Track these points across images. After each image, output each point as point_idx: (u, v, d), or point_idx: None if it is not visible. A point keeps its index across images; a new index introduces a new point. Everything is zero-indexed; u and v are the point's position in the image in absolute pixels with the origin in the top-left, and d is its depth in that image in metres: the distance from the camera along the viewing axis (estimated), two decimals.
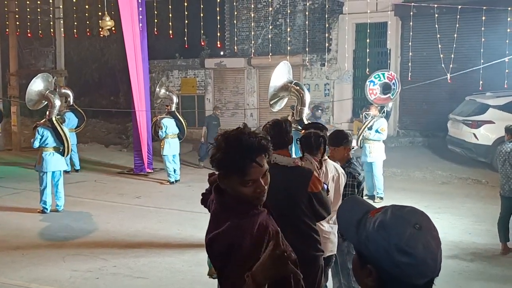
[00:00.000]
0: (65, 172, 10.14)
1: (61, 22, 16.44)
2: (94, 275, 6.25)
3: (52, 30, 16.50)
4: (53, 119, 9.14)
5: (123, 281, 6.11)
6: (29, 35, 16.66)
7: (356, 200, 1.63)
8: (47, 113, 9.28)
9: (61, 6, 16.31)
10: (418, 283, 1.36)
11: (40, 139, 8.97)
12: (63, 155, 9.18)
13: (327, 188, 3.97)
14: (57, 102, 9.45)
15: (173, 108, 11.94)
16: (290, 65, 8.58)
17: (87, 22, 15.52)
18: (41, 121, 9.29)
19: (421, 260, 1.34)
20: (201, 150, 13.74)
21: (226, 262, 2.17)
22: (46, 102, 9.62)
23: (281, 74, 7.92)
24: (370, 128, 9.71)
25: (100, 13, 13.35)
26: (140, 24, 12.26)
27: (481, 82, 10.93)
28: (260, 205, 2.29)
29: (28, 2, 16.08)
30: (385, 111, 10.03)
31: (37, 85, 9.54)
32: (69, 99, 13.30)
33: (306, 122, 7.02)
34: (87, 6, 15.24)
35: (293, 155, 7.13)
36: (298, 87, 7.92)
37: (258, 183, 2.20)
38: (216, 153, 2.19)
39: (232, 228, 2.20)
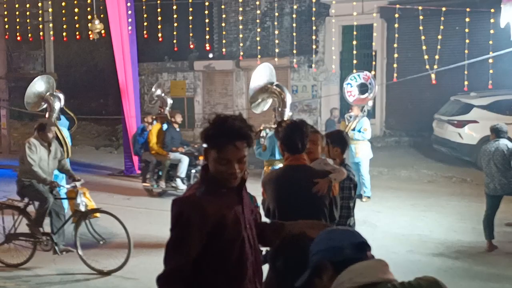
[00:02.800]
0: None
1: (50, 25, 16.49)
2: (85, 276, 6.33)
3: (41, 33, 16.52)
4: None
5: (114, 282, 6.19)
6: (18, 38, 16.61)
7: None
8: (46, 116, 9.09)
9: (50, 10, 16.36)
10: (356, 241, 1.83)
11: None
12: None
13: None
14: (57, 105, 9.21)
15: (167, 111, 11.88)
16: (278, 67, 8.58)
17: (77, 26, 15.50)
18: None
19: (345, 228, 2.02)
20: None
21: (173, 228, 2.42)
22: (44, 105, 9.33)
23: (261, 76, 7.91)
24: (354, 129, 9.85)
25: (89, 17, 13.38)
26: (130, 28, 12.32)
27: (465, 82, 11.09)
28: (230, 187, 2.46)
29: (17, 6, 16.02)
30: (366, 110, 10.18)
31: (37, 86, 9.25)
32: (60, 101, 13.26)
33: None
34: (76, 10, 15.23)
35: (277, 156, 7.21)
36: (279, 89, 7.91)
37: (231, 165, 2.39)
38: (207, 129, 2.44)
39: (189, 198, 2.41)
